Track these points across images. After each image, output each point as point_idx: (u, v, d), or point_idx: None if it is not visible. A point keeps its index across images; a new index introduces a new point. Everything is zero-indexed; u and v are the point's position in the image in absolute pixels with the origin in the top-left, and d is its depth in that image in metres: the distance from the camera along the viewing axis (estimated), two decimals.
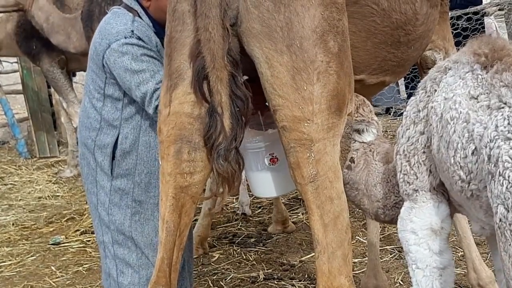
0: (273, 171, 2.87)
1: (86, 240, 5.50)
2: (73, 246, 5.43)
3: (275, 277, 4.39)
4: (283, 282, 4.31)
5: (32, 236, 5.82)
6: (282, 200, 5.50)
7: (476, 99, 2.21)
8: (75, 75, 8.27)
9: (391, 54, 2.99)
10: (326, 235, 2.32)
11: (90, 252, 5.24)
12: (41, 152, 8.97)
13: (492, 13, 9.37)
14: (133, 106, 2.92)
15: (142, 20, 2.91)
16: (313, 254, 2.40)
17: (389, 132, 8.09)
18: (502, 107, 2.11)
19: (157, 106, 2.67)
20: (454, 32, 6.49)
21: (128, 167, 2.96)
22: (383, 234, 4.74)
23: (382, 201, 2.75)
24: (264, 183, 2.91)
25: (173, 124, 2.39)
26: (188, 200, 2.46)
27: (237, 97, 2.30)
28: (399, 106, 9.48)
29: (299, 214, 5.65)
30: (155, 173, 2.93)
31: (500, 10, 9.36)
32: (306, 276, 4.35)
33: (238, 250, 4.96)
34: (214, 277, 4.50)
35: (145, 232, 3.01)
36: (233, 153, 2.33)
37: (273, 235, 5.23)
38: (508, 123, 2.06)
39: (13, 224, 6.14)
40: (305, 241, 5.00)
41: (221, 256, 4.90)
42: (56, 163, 8.59)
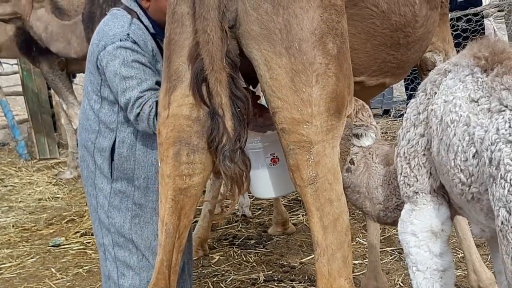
0: (274, 171, 2.87)
1: (86, 242, 5.49)
2: (73, 248, 5.42)
3: (275, 278, 4.39)
4: (283, 284, 4.30)
5: (32, 238, 5.81)
6: (282, 201, 5.49)
7: (477, 102, 2.21)
8: (75, 76, 8.26)
9: (391, 56, 2.99)
10: (326, 237, 2.32)
11: (90, 254, 5.23)
12: (41, 153, 8.96)
13: (491, 14, 9.36)
14: None
15: (140, 22, 2.90)
16: (313, 256, 2.39)
17: (389, 133, 8.08)
18: (503, 110, 2.11)
19: (138, 114, 2.69)
20: (454, 33, 6.49)
21: (126, 171, 2.96)
22: (383, 235, 4.73)
23: (384, 203, 2.75)
24: (265, 184, 2.90)
25: (172, 126, 2.39)
26: (187, 202, 2.45)
27: (237, 98, 2.30)
28: (398, 107, 9.48)
29: (299, 215, 5.64)
30: (152, 178, 2.93)
31: (500, 11, 9.36)
32: (306, 278, 4.35)
33: (238, 252, 4.96)
34: (214, 279, 4.50)
35: (145, 235, 3.01)
36: (239, 154, 2.32)
37: (273, 237, 5.22)
38: (509, 126, 2.06)
39: (13, 226, 6.13)
40: (305, 243, 4.99)
41: (221, 257, 4.89)
42: (56, 165, 8.58)
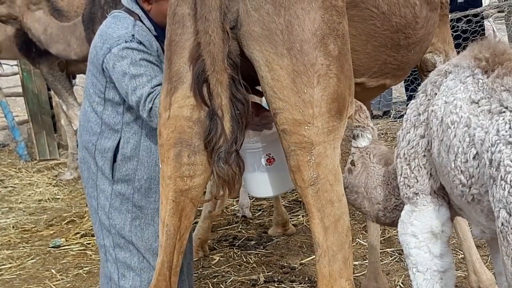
0: (269, 171, 2.89)
1: (86, 243, 5.49)
2: (73, 249, 5.42)
3: (276, 279, 4.38)
4: (283, 285, 4.30)
5: (32, 239, 5.81)
6: (282, 202, 5.49)
7: (477, 103, 2.21)
8: (75, 77, 8.26)
9: (391, 57, 2.99)
10: (327, 238, 2.32)
11: (90, 255, 5.23)
12: (41, 154, 8.95)
13: (491, 15, 9.36)
14: (134, 111, 2.90)
15: (143, 24, 2.91)
16: (314, 256, 2.40)
17: (389, 134, 8.08)
18: (503, 112, 2.11)
19: (151, 109, 2.68)
20: (454, 34, 6.48)
21: (128, 172, 2.96)
22: (383, 236, 4.73)
23: (382, 204, 2.75)
24: (260, 183, 2.92)
25: (173, 127, 2.39)
26: (188, 203, 2.46)
27: (237, 100, 2.30)
28: (399, 108, 9.48)
29: (299, 216, 5.64)
30: (155, 178, 2.93)
31: (500, 12, 9.36)
32: (306, 279, 4.35)
33: (238, 253, 4.96)
34: (215, 280, 4.50)
35: (145, 237, 3.01)
36: (234, 156, 2.33)
37: (273, 238, 5.22)
38: (510, 128, 2.06)
39: (13, 227, 6.13)
40: (305, 244, 4.99)
41: (221, 258, 4.89)
42: (56, 166, 8.57)
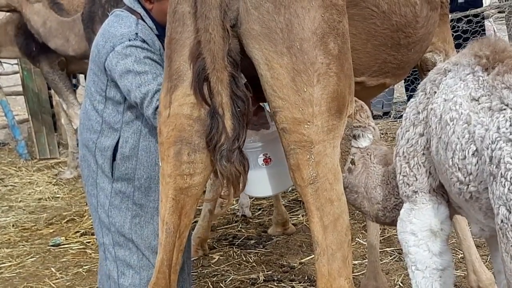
0: (266, 171, 2.90)
1: (86, 242, 5.49)
2: (73, 248, 5.42)
3: (275, 279, 4.38)
4: (283, 284, 4.30)
5: (32, 238, 5.81)
6: (282, 201, 5.49)
7: (477, 100, 2.21)
8: (75, 76, 8.26)
9: (391, 56, 2.99)
10: (326, 237, 2.33)
11: (90, 254, 5.23)
12: (41, 153, 8.96)
13: (492, 15, 9.36)
14: (134, 110, 2.92)
15: (145, 23, 2.92)
16: (313, 256, 2.40)
17: (389, 134, 8.08)
18: (504, 109, 2.11)
19: (157, 107, 2.67)
20: (454, 34, 6.49)
21: (128, 171, 2.96)
22: (383, 236, 4.73)
23: (382, 203, 2.75)
24: (256, 183, 2.93)
25: (173, 125, 2.40)
26: (188, 201, 2.46)
27: (237, 98, 2.30)
28: (399, 108, 9.47)
29: (299, 216, 5.64)
30: (155, 177, 2.93)
31: (500, 12, 9.35)
32: (306, 278, 4.35)
33: (238, 252, 4.96)
34: (214, 279, 4.50)
35: (144, 235, 3.01)
36: (236, 154, 2.33)
37: (273, 237, 5.22)
38: (510, 125, 2.06)
39: (13, 226, 6.13)
40: (305, 243, 4.99)
41: (221, 257, 4.89)
42: (56, 165, 8.57)
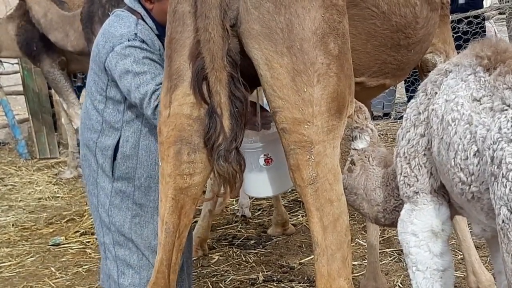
0: (267, 171, 2.89)
1: (86, 241, 5.49)
2: (73, 247, 5.42)
3: (275, 279, 4.38)
4: (282, 284, 4.30)
5: (32, 237, 5.81)
6: (282, 202, 5.49)
7: (479, 101, 2.21)
8: (76, 76, 8.26)
9: (391, 57, 2.99)
10: (326, 237, 2.32)
11: (90, 253, 5.23)
12: (42, 153, 8.96)
13: (492, 17, 9.36)
14: (135, 109, 2.92)
15: (145, 23, 2.92)
16: (313, 256, 2.39)
17: (389, 135, 8.08)
18: (506, 109, 2.11)
19: (156, 107, 2.67)
20: (455, 35, 6.48)
21: (128, 170, 2.96)
22: (382, 237, 4.73)
23: (382, 205, 2.75)
24: (257, 183, 2.93)
25: (173, 125, 2.39)
26: (187, 201, 2.46)
27: (236, 98, 2.30)
28: (399, 109, 9.47)
29: (299, 216, 5.64)
30: (155, 177, 2.93)
31: (501, 14, 9.35)
32: (305, 278, 4.34)
33: (237, 252, 4.95)
34: (214, 279, 4.50)
35: (144, 235, 3.01)
36: (234, 154, 2.33)
37: (272, 237, 5.22)
38: None
39: (13, 225, 6.13)
40: (304, 244, 4.99)
41: (220, 258, 4.89)
42: (56, 164, 8.58)
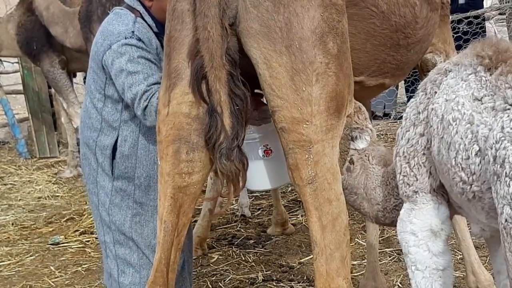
0: (267, 163, 2.86)
1: (85, 241, 5.49)
2: (72, 246, 5.42)
3: (274, 278, 4.38)
4: (282, 284, 4.30)
5: (31, 236, 5.81)
6: (282, 201, 5.49)
7: (480, 100, 2.21)
8: (75, 75, 8.26)
9: (391, 56, 2.99)
10: (325, 236, 2.32)
11: (89, 253, 5.23)
12: (41, 152, 8.96)
13: (492, 17, 9.36)
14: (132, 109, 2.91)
15: (144, 21, 2.92)
16: (312, 256, 2.39)
17: (389, 135, 8.08)
18: (508, 109, 2.11)
19: (146, 107, 2.68)
20: (455, 35, 6.48)
21: (127, 170, 2.96)
22: (382, 236, 4.73)
23: (382, 204, 2.75)
24: (257, 175, 2.88)
25: (172, 124, 2.39)
26: (186, 200, 2.45)
27: (236, 96, 2.30)
28: (399, 109, 9.47)
29: (298, 216, 5.64)
30: (154, 176, 2.93)
31: (501, 14, 9.35)
32: (305, 278, 4.34)
33: (237, 252, 4.96)
34: (213, 278, 4.50)
35: (144, 234, 3.01)
36: (236, 152, 2.32)
37: (272, 237, 5.22)
38: None
39: (12, 224, 6.14)
40: (304, 243, 4.99)
41: (220, 257, 4.89)
42: (56, 164, 8.59)
